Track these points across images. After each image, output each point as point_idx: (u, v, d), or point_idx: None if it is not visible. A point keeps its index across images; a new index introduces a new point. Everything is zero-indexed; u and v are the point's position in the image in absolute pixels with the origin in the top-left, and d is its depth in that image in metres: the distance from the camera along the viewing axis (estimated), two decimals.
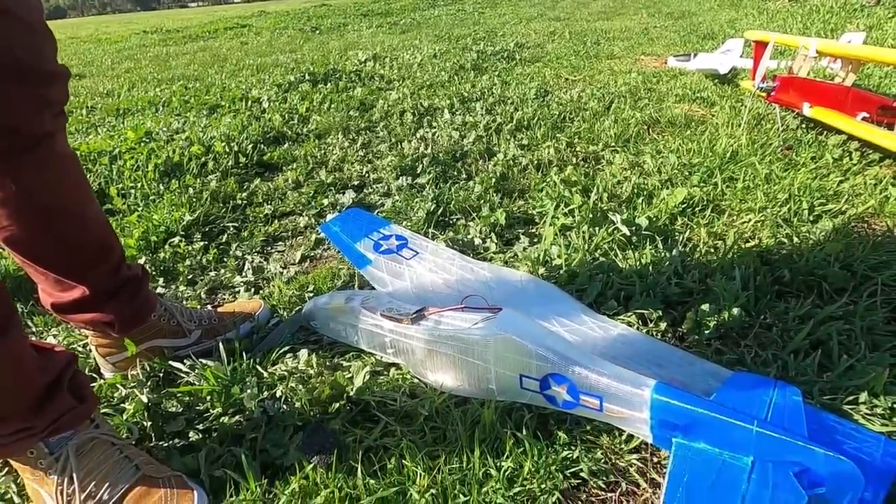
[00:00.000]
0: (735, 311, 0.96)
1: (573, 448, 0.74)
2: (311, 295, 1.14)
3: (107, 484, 0.68)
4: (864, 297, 0.99)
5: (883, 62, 2.04)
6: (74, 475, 0.68)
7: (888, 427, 0.74)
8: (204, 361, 0.94)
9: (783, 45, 2.23)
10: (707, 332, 0.94)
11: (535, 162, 1.80)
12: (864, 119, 1.74)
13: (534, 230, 1.36)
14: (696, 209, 1.39)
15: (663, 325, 0.97)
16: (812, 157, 1.64)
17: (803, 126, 1.89)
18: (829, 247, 1.12)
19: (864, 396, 0.78)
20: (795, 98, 1.82)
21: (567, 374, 0.70)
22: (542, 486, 0.70)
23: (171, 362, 0.95)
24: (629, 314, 0.99)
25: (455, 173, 1.77)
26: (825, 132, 1.81)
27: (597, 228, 1.28)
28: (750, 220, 1.32)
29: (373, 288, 1.11)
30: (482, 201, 1.50)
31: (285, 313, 1.10)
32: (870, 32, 3.41)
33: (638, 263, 1.13)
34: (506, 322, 0.77)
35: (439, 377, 0.85)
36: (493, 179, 1.65)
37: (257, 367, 0.93)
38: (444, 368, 0.84)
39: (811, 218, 1.30)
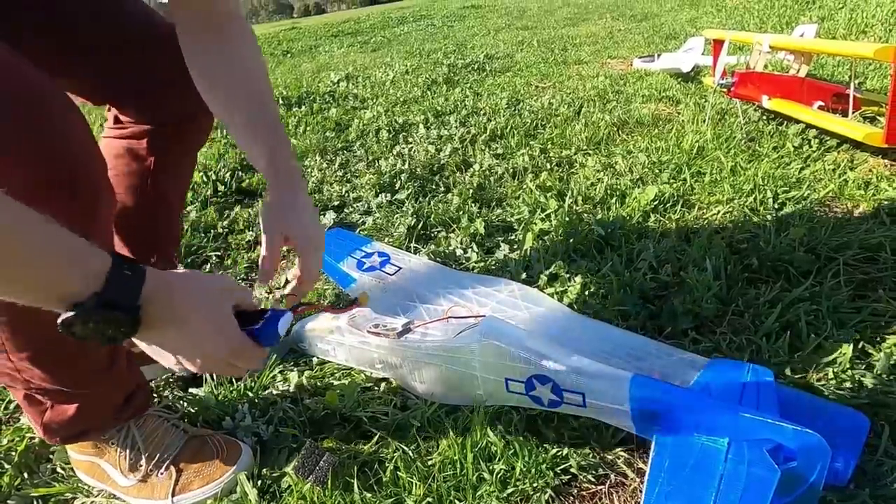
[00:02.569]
0: (708, 300, 1.00)
1: (562, 445, 0.76)
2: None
3: (164, 445, 0.80)
4: (829, 278, 1.04)
5: (829, 53, 2.14)
6: (140, 444, 0.79)
7: (857, 399, 0.78)
8: (194, 391, 0.95)
9: (739, 42, 2.32)
10: (683, 323, 0.98)
11: (511, 170, 1.84)
12: (819, 107, 1.82)
13: (513, 237, 1.39)
14: (668, 205, 1.44)
15: (642, 320, 1.00)
16: (774, 147, 1.71)
17: (764, 118, 1.97)
18: (793, 232, 1.17)
19: (832, 372, 0.82)
20: (754, 92, 1.90)
21: (549, 374, 0.73)
22: (535, 484, 0.72)
23: (160, 393, 0.95)
24: (609, 312, 1.02)
25: (433, 187, 1.80)
26: (785, 122, 1.88)
27: (573, 231, 1.32)
28: (719, 211, 1.38)
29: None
30: (461, 212, 1.54)
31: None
32: (822, 23, 3.55)
33: (615, 262, 1.17)
34: (488, 329, 0.80)
35: (428, 388, 0.87)
36: (471, 190, 1.68)
37: (248, 392, 0.94)
38: (432, 380, 0.86)
39: (776, 206, 1.36)
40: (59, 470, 0.86)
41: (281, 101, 3.41)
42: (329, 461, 0.75)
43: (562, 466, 0.74)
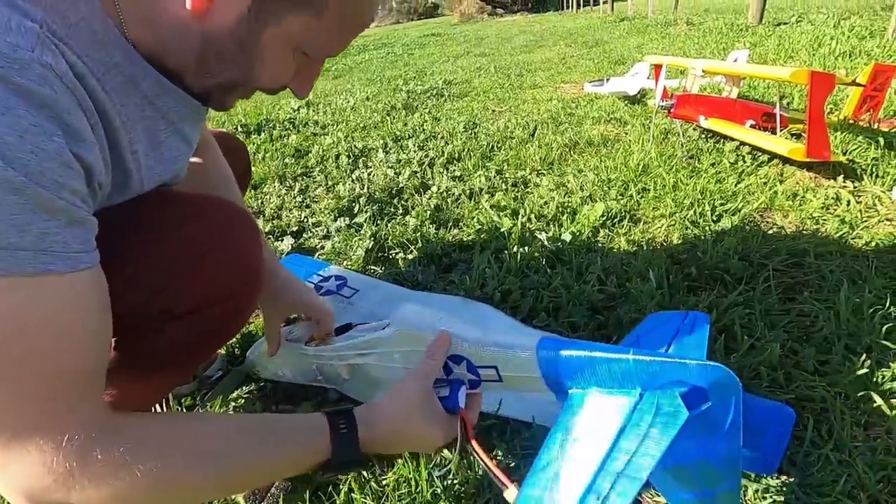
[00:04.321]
0: (652, 309, 1.05)
1: (512, 457, 0.78)
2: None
3: None
4: (761, 283, 1.11)
5: (753, 76, 2.32)
6: None
7: (785, 394, 0.83)
8: None
9: (677, 67, 2.47)
10: (629, 331, 1.02)
11: (468, 191, 1.89)
12: (751, 126, 1.95)
13: (469, 256, 1.43)
14: (615, 220, 1.51)
15: (590, 330, 1.04)
16: (712, 164, 1.82)
17: (703, 136, 2.09)
18: (728, 242, 1.25)
19: (763, 370, 0.87)
20: (692, 112, 2.02)
21: (462, 352, 0.70)
22: (486, 498, 0.73)
23: None
24: (559, 323, 1.06)
25: (392, 209, 1.83)
26: (721, 140, 2.01)
27: (526, 248, 1.36)
28: (662, 225, 1.45)
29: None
30: (418, 234, 1.56)
31: (230, 366, 1.10)
32: (754, 49, 3.82)
33: (565, 276, 1.21)
34: (399, 319, 0.78)
35: (362, 390, 0.86)
36: (429, 212, 1.72)
37: None
38: (365, 380, 0.85)
39: (714, 218, 1.44)
40: None
41: (240, 129, 3.40)
42: (281, 487, 0.74)
43: (514, 478, 0.75)
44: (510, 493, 0.58)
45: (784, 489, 0.69)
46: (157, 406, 0.93)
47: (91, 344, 0.46)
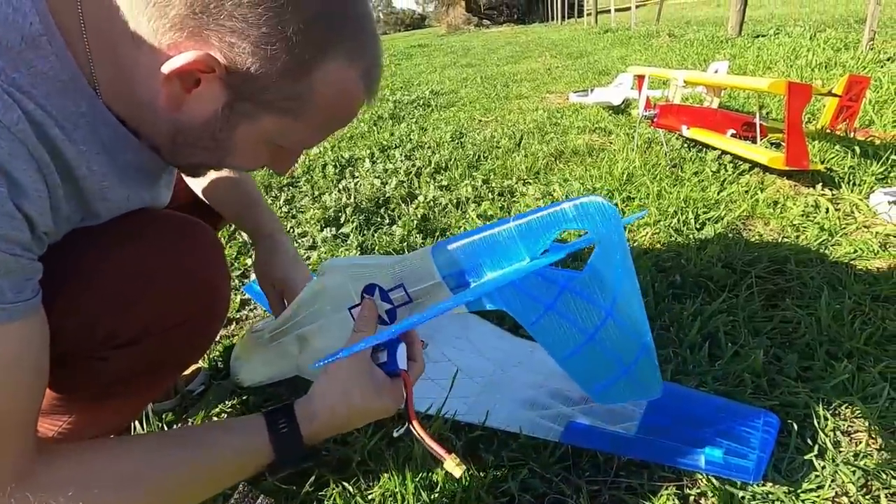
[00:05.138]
0: None
1: (501, 468, 0.77)
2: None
3: None
4: (744, 290, 1.12)
5: (733, 87, 2.36)
6: None
7: (769, 400, 0.83)
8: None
9: (659, 78, 2.52)
10: None
11: (455, 200, 1.90)
12: (732, 135, 1.99)
13: None
14: None
15: None
16: (695, 172, 1.85)
17: (685, 146, 2.13)
18: (711, 249, 1.27)
19: (747, 377, 0.88)
20: (675, 122, 2.05)
21: (374, 280, 0.66)
22: None
23: None
24: None
25: (378, 219, 1.82)
26: (703, 149, 2.04)
27: None
28: (647, 233, 1.46)
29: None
30: (404, 244, 1.56)
31: (213, 380, 1.08)
32: (733, 60, 3.91)
33: None
34: (329, 266, 0.73)
35: (315, 360, 0.81)
36: (415, 221, 1.71)
37: None
38: (315, 357, 0.80)
39: (697, 226, 1.46)
40: None
41: None
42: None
43: (501, 489, 0.75)
44: (449, 464, 0.56)
45: (770, 496, 0.69)
46: (136, 423, 0.90)
47: (21, 395, 0.45)
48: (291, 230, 1.82)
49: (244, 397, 1.00)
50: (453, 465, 0.56)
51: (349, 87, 0.50)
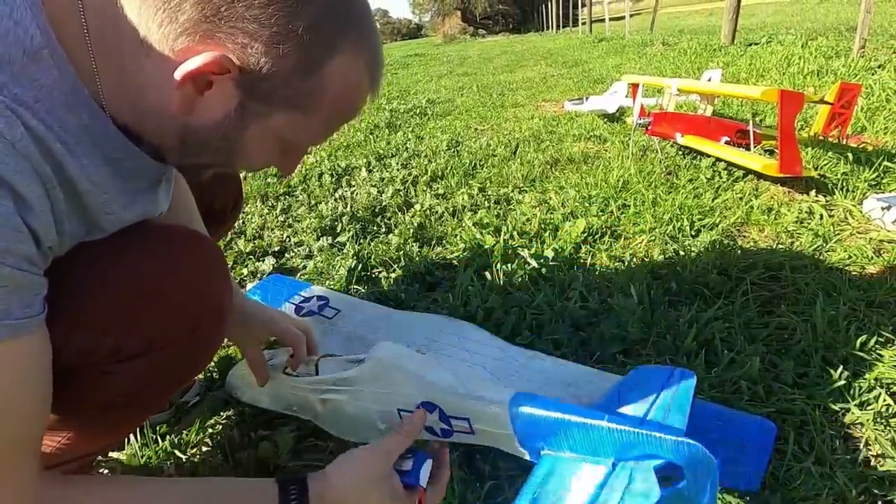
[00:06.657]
0: (634, 324, 1.05)
1: (498, 479, 0.77)
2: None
3: None
4: (739, 297, 1.12)
5: (726, 95, 2.39)
6: None
7: (766, 407, 0.83)
8: (115, 455, 0.89)
9: (653, 86, 2.54)
10: (612, 347, 1.02)
11: (451, 209, 1.90)
12: (726, 142, 2.01)
13: (452, 274, 1.42)
14: (597, 236, 1.53)
15: (573, 346, 1.04)
16: (689, 179, 1.86)
17: (680, 153, 2.14)
18: (706, 256, 1.27)
19: (743, 384, 0.88)
20: (669, 129, 2.07)
21: (434, 400, 0.69)
22: None
23: None
24: (542, 341, 1.06)
25: (375, 228, 1.82)
26: (698, 157, 2.06)
27: (509, 265, 1.36)
28: (642, 240, 1.47)
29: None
30: (401, 252, 1.56)
31: (208, 391, 1.07)
32: (727, 68, 3.95)
33: (548, 293, 1.21)
34: (374, 356, 0.75)
35: (339, 424, 0.84)
36: (412, 230, 1.71)
37: (175, 451, 0.89)
38: (338, 416, 0.82)
39: (692, 233, 1.47)
40: None
41: None
42: None
43: (498, 500, 0.74)
44: None
45: None
46: (131, 435, 0.90)
47: (27, 416, 0.45)
48: (287, 239, 1.82)
49: (240, 409, 1.00)
50: None
51: (357, 79, 0.51)
